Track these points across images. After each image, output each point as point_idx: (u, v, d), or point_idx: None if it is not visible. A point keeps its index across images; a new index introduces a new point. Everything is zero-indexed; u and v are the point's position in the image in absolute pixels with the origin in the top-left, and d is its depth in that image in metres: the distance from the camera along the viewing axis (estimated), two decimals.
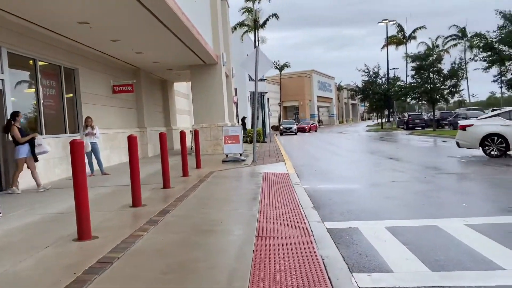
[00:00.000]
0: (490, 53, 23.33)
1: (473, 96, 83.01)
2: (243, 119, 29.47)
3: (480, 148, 13.23)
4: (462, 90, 38.69)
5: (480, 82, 78.53)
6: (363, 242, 4.77)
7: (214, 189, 8.69)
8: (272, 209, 6.36)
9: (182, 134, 10.37)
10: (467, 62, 40.73)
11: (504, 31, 22.33)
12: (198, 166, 12.19)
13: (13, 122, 8.39)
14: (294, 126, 44.09)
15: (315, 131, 49.60)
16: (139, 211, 6.41)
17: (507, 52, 22.48)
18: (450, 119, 37.03)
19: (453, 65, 34.61)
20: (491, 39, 23.14)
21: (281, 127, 45.03)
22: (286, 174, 10.55)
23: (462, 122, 14.34)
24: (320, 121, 78.32)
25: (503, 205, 6.47)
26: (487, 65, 23.77)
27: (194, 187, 8.51)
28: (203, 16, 16.19)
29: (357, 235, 5.08)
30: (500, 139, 12.86)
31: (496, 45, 22.89)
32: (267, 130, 33.46)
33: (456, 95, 37.01)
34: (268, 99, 35.72)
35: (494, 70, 24.62)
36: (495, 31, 22.90)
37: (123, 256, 4.15)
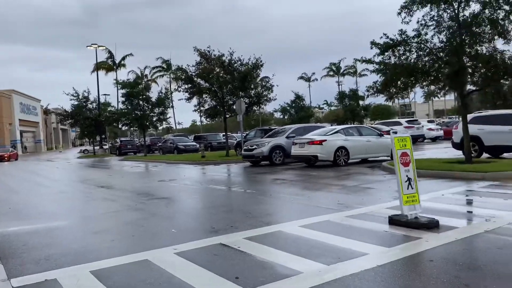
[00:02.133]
0: (190, 85, 26.02)
1: (179, 124, 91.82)
2: None
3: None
4: (169, 117, 41.91)
5: (184, 111, 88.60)
6: None
7: None
8: None
9: None
10: (172, 92, 44.58)
11: (200, 67, 25.45)
12: None
13: None
14: None
15: (16, 159, 42.87)
16: None
17: (204, 86, 25.67)
18: (160, 144, 39.38)
19: (160, 94, 37.09)
20: (191, 73, 25.87)
21: None
22: None
23: (317, 138, 16.14)
24: (24, 147, 68.69)
25: (207, 226, 6.85)
26: (188, 96, 26.37)
27: None
28: None
29: None
30: (345, 151, 15.68)
31: (195, 79, 25.79)
32: None
33: (164, 122, 39.72)
34: None
35: (195, 100, 27.63)
36: (194, 66, 25.79)
37: None
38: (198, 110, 29.95)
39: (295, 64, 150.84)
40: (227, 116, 26.50)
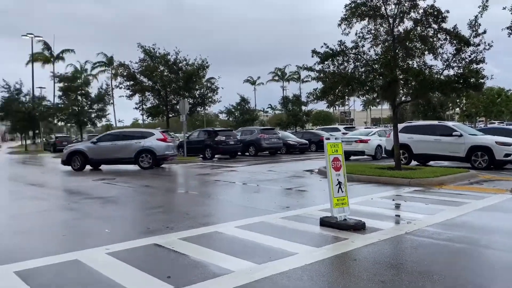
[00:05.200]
0: (133, 82, 25.39)
1: (120, 121, 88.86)
2: None
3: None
4: (109, 114, 40.58)
5: (125, 109, 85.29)
6: None
7: None
8: None
9: None
10: (113, 89, 43.18)
11: (144, 64, 24.93)
12: None
13: None
14: None
15: None
16: None
17: (147, 84, 25.18)
18: None
19: (100, 90, 35.81)
20: (133, 70, 25.25)
21: None
22: None
23: (364, 138, 20.18)
24: None
25: (143, 227, 6.79)
26: (130, 93, 25.71)
27: None
28: None
29: None
30: (381, 148, 19.70)
31: (138, 76, 25.22)
32: None
33: (104, 119, 38.41)
34: None
35: (137, 98, 26.99)
36: (137, 63, 25.19)
37: None
38: (140, 108, 29.28)
39: (241, 67, 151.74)
40: (170, 115, 26.15)
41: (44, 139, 47.68)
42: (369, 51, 13.05)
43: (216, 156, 23.35)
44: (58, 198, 10.22)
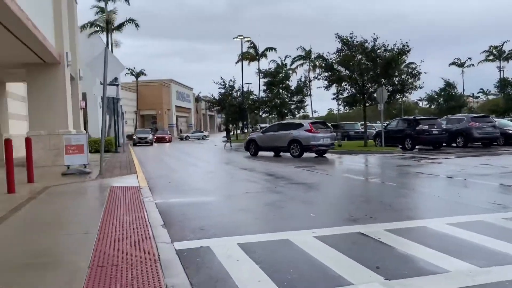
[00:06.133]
0: (330, 73, 25.78)
1: (315, 112, 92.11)
2: (227, 126, 36.61)
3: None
4: (307, 105, 42.49)
5: (321, 100, 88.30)
6: (215, 264, 4.37)
7: (46, 208, 7.38)
8: (115, 230, 5.55)
9: (7, 142, 8.69)
10: (311, 80, 44.95)
11: (341, 54, 25.00)
12: (30, 180, 10.42)
13: None
14: (150, 136, 42.05)
15: (170, 141, 48.48)
16: None
17: (344, 73, 25.23)
18: None
19: (299, 82, 37.74)
20: (331, 61, 25.61)
21: (135, 137, 42.26)
22: (137, 188, 9.70)
23: None
24: (180, 131, 77.59)
25: (345, 214, 6.84)
26: (327, 84, 26.21)
27: (19, 207, 7.09)
28: (42, 8, 14.17)
29: (209, 255, 4.67)
30: None
31: (336, 66, 25.48)
32: (121, 139, 31.41)
33: (301, 110, 40.44)
34: (122, 106, 33.58)
35: (333, 88, 27.37)
36: (334, 53, 25.45)
37: None
38: (337, 98, 29.63)
39: (444, 49, 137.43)
40: (367, 104, 25.63)
41: (251, 129, 53.42)
42: None
43: (416, 146, 21.87)
44: (265, 181, 11.24)
